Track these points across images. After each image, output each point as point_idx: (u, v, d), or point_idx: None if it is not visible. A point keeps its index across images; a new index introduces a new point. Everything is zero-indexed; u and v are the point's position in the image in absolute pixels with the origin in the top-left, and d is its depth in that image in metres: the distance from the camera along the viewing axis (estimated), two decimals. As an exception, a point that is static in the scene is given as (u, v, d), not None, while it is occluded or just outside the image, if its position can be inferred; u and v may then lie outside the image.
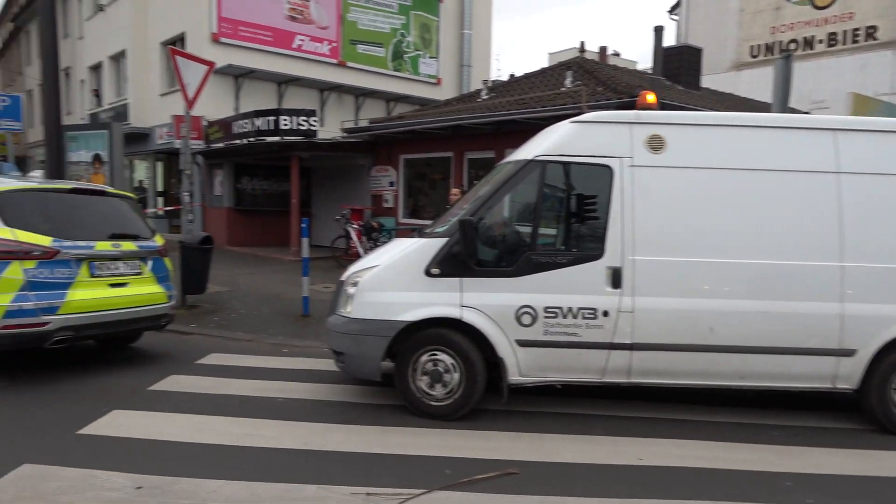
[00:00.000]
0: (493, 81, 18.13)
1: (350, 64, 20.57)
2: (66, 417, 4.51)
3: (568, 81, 12.86)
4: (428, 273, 4.71)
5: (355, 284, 4.89)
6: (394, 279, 4.81)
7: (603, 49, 30.13)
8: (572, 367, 4.77)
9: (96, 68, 24.15)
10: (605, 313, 4.65)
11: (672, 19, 23.99)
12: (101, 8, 22.86)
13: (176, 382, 5.54)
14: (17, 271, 5.16)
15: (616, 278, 4.66)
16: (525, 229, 4.91)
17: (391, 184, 15.43)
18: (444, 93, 22.21)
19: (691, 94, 14.16)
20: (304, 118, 14.54)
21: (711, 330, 4.63)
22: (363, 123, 17.89)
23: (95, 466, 3.66)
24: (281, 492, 3.47)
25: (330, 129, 18.32)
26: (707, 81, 18.24)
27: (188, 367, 6.10)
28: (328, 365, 5.89)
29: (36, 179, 6.45)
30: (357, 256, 11.59)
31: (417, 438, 4.38)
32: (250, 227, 17.46)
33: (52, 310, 5.28)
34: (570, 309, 4.65)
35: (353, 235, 13.64)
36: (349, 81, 20.18)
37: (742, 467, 4.04)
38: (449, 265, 4.70)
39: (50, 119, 8.85)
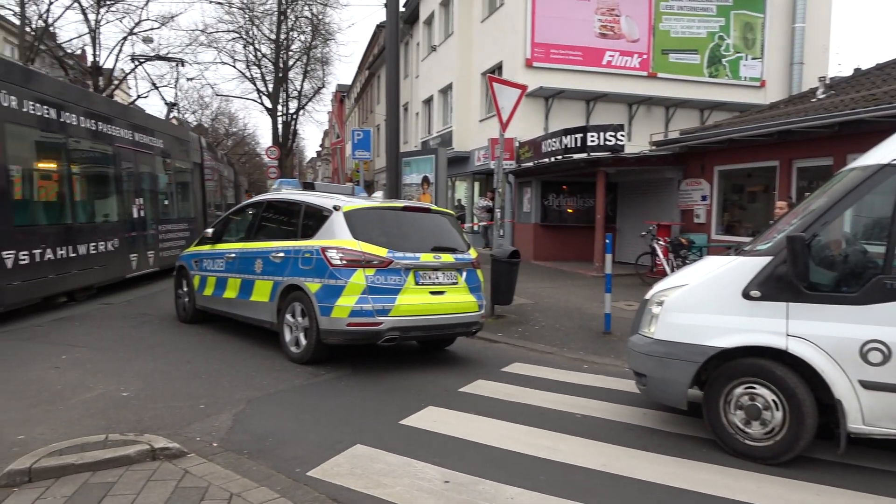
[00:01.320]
0: (832, 78, 15.68)
1: (661, 75, 19.84)
2: (390, 407, 5.12)
3: (938, 68, 10.48)
4: (746, 295, 4.21)
5: (661, 303, 4.61)
6: (705, 300, 4.41)
7: None
8: (942, 422, 3.79)
9: (428, 101, 27.50)
10: None
11: None
12: (434, 49, 26.02)
13: (483, 387, 5.89)
14: (360, 277, 6.07)
15: None
16: (876, 248, 4.08)
17: (703, 198, 14.37)
18: (769, 96, 19.99)
19: None
20: (612, 133, 14.42)
21: None
22: (673, 135, 17.04)
23: (412, 455, 4.06)
24: (576, 511, 3.41)
25: (638, 142, 17.88)
26: None
27: (494, 373, 6.45)
28: (629, 386, 5.67)
29: (377, 199, 7.54)
30: (662, 274, 11.04)
31: (728, 479, 3.92)
32: (555, 242, 17.92)
33: (384, 312, 6.09)
34: (940, 349, 3.71)
35: (659, 252, 13.05)
36: (659, 93, 19.48)
37: None
38: (773, 288, 4.14)
39: (391, 148, 10.31)
